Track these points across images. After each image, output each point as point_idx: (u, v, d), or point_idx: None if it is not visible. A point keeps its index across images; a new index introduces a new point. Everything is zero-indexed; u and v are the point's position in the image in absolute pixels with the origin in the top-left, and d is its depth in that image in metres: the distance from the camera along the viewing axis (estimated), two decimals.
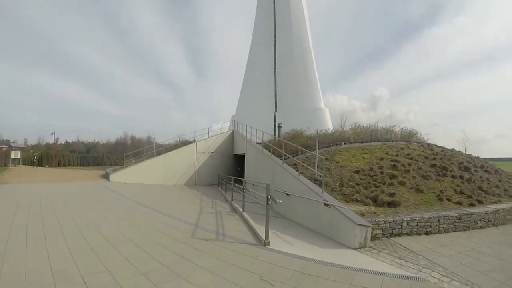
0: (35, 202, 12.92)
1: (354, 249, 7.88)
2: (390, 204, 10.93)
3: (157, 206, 12.64)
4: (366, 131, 20.36)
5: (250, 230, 9.49)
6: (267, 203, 8.24)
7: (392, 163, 14.82)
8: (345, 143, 18.75)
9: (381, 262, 6.78)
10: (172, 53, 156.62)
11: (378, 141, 19.04)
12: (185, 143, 28.65)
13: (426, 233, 9.66)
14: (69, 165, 50.72)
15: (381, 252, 7.60)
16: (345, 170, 14.46)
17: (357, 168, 14.56)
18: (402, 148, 17.65)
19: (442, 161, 15.89)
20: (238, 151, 28.00)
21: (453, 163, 16.10)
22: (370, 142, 18.97)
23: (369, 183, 12.78)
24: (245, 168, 23.10)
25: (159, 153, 26.18)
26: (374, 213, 10.10)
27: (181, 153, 26.49)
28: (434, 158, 16.31)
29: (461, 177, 14.44)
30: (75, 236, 7.94)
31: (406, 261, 6.94)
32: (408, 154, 16.42)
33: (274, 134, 29.58)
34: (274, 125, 33.06)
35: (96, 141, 66.39)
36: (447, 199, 12.07)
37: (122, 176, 23.52)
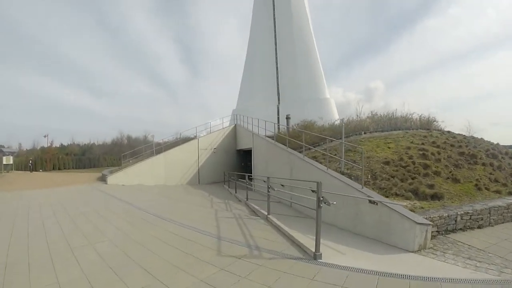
0: (22, 215, 10.60)
1: (413, 252, 6.84)
2: (434, 197, 9.94)
3: (163, 213, 10.54)
4: (385, 119, 18.53)
5: (288, 239, 7.54)
6: (318, 206, 6.29)
7: (421, 152, 13.55)
8: (365, 133, 17.07)
9: (453, 266, 5.90)
10: (166, 52, 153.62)
11: (399, 130, 17.38)
12: (186, 139, 26.49)
13: (479, 227, 8.95)
14: (65, 168, 48.18)
15: (445, 253, 6.67)
16: (373, 162, 13.02)
17: (385, 158, 13.13)
18: (425, 136, 16.23)
19: (469, 149, 14.80)
20: (243, 145, 25.96)
21: (480, 151, 14.94)
22: (391, 131, 17.32)
23: (403, 174, 11.53)
24: (253, 163, 21.11)
25: (158, 152, 23.99)
26: (422, 208, 8.99)
27: (183, 151, 24.34)
28: (460, 146, 15.14)
29: (491, 164, 13.54)
30: (66, 263, 5.78)
31: (479, 261, 6.12)
32: (433, 142, 15.11)
33: (279, 127, 27.85)
34: (278, 118, 31.16)
35: (91, 142, 63.74)
36: (486, 188, 11.32)
37: (120, 178, 21.35)
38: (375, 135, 16.66)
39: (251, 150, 23.09)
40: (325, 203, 6.37)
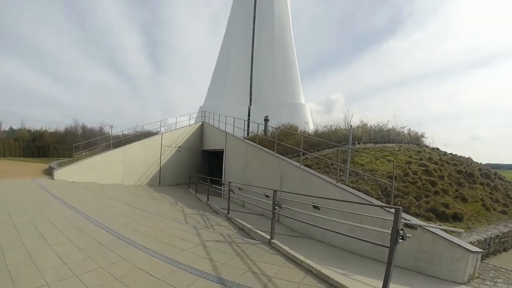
0: None
1: (463, 284, 5.86)
2: (454, 218, 9.11)
3: (127, 230, 7.16)
4: (376, 130, 16.66)
5: (318, 278, 5.02)
6: (395, 241, 4.24)
7: (423, 168, 12.33)
8: (358, 143, 15.22)
9: None
10: (130, 42, 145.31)
11: (392, 143, 15.91)
12: (148, 134, 22.66)
13: (504, 250, 8.49)
14: (10, 156, 42.08)
15: (496, 282, 5.94)
16: (378, 176, 11.23)
17: (389, 173, 11.39)
18: (419, 152, 15.06)
19: (465, 167, 13.72)
20: (211, 146, 22.87)
21: (474, 169, 13.89)
22: (384, 143, 15.77)
23: (416, 192, 10.35)
24: (225, 167, 18.21)
25: (116, 145, 19.87)
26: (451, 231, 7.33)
27: (144, 146, 20.50)
28: (455, 164, 14.06)
29: (487, 184, 12.77)
30: None
31: None
32: (430, 159, 13.90)
33: (248, 129, 25.24)
34: (248, 120, 28.40)
35: (43, 129, 56.97)
36: (493, 209, 10.75)
37: (70, 173, 17.07)
38: (369, 146, 15.08)
39: (221, 151, 20.36)
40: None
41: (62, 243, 5.89)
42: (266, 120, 19.10)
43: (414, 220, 7.21)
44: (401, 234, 4.27)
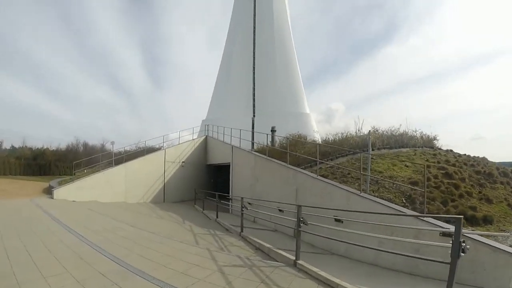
0: None
1: None
2: (485, 221, 8.64)
3: (133, 257, 6.16)
4: (388, 135, 15.88)
5: None
6: (458, 255, 3.81)
7: (443, 171, 11.78)
8: (372, 149, 14.23)
9: None
10: (129, 60, 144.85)
11: (406, 147, 15.12)
12: (151, 150, 21.78)
13: None
14: (10, 174, 41.04)
15: None
16: (399, 182, 10.67)
17: (410, 178, 11.12)
18: (434, 155, 14.42)
19: (482, 167, 13.21)
20: (216, 160, 22.02)
21: (492, 169, 13.31)
22: (399, 148, 14.98)
23: (441, 196, 9.90)
24: (232, 181, 17.31)
25: (118, 162, 18.99)
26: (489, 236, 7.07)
27: (147, 162, 19.59)
28: (473, 165, 13.58)
29: (507, 183, 12.20)
30: None
31: None
32: (447, 161, 13.44)
33: (253, 141, 24.40)
34: (253, 131, 27.60)
35: (45, 147, 55.97)
36: None
37: (70, 192, 16.10)
38: (384, 152, 14.20)
39: (227, 165, 19.49)
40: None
41: (58, 275, 5.00)
42: (272, 130, 18.30)
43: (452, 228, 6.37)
44: (463, 247, 3.78)
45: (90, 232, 8.24)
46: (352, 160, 13.21)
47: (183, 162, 21.75)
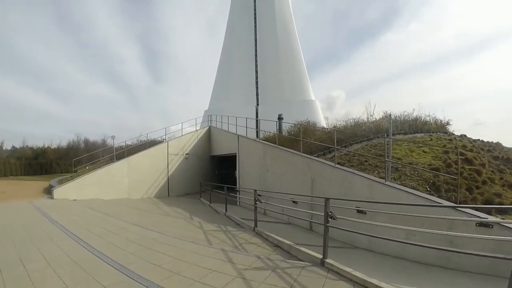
0: None
1: None
2: None
3: (140, 264, 5.46)
4: (404, 121, 15.06)
5: None
6: None
7: (462, 157, 10.92)
8: (387, 135, 13.36)
9: None
10: (128, 54, 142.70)
11: (421, 132, 14.30)
12: (153, 143, 20.98)
13: None
14: (11, 175, 40.26)
15: None
16: (420, 169, 10.00)
17: (430, 165, 10.44)
18: (450, 140, 13.70)
19: (499, 153, 12.62)
20: (220, 151, 21.25)
21: (509, 154, 12.59)
22: (414, 133, 14.18)
23: (466, 184, 9.26)
24: (239, 172, 16.55)
25: (120, 157, 18.22)
26: None
27: (149, 156, 18.84)
28: (489, 150, 13.02)
29: None
30: None
31: None
32: (464, 146, 12.75)
33: (258, 130, 23.59)
34: (257, 120, 26.74)
35: (46, 146, 55.07)
36: None
37: (70, 190, 15.45)
38: (399, 138, 13.39)
39: (232, 156, 18.84)
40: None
41: None
42: (279, 118, 17.48)
43: (490, 217, 6.09)
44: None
45: (92, 235, 7.47)
46: (368, 146, 12.44)
47: (186, 154, 20.98)
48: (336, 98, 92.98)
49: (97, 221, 9.28)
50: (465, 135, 15.16)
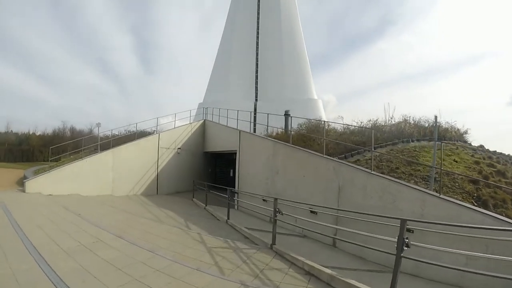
0: None
1: None
2: None
3: None
4: (426, 127, 13.34)
5: None
6: None
7: (493, 169, 10.18)
8: (412, 141, 11.95)
9: None
10: (120, 43, 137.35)
11: (444, 140, 12.47)
12: (143, 134, 18.58)
13: None
14: None
15: None
16: (459, 180, 8.84)
17: (467, 176, 9.14)
18: (474, 150, 12.47)
19: None
20: (216, 147, 19.13)
21: None
22: (438, 140, 12.19)
23: (510, 199, 8.14)
24: (239, 173, 14.46)
25: (105, 147, 15.80)
26: None
27: (138, 148, 16.45)
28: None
29: None
30: None
31: None
32: (490, 157, 11.79)
33: (255, 126, 21.63)
34: (255, 116, 24.71)
35: (31, 132, 51.81)
36: None
37: (46, 183, 12.96)
38: (424, 145, 11.59)
39: (229, 153, 17.25)
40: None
41: None
42: (286, 115, 15.53)
43: None
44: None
45: (58, 253, 5.32)
46: (393, 151, 10.72)
47: (179, 148, 18.77)
48: (327, 102, 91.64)
49: (70, 228, 7.08)
50: (482, 146, 13.79)
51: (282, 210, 8.18)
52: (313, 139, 11.61)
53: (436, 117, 9.43)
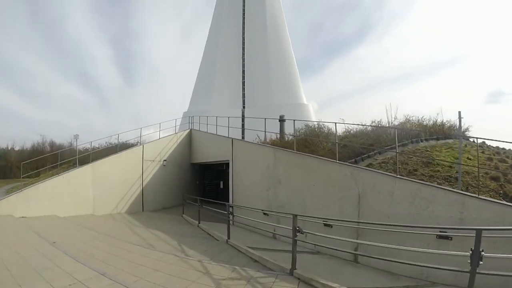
0: None
1: None
2: None
3: None
4: (432, 126, 12.94)
5: None
6: None
7: (506, 164, 9.88)
8: (421, 141, 11.26)
9: None
10: (100, 55, 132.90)
11: (450, 138, 11.98)
12: (126, 146, 17.02)
13: None
14: None
15: None
16: (482, 178, 8.22)
17: (487, 173, 8.69)
18: (481, 146, 11.71)
19: None
20: (205, 158, 17.72)
21: None
22: (445, 139, 11.91)
23: None
24: (232, 184, 13.17)
25: (84, 162, 14.15)
26: None
27: (121, 161, 14.79)
28: None
29: None
30: None
31: None
32: (497, 153, 11.32)
33: (243, 135, 20.45)
34: (243, 124, 23.49)
35: (9, 147, 49.06)
36: None
37: (18, 203, 11.08)
38: (432, 144, 11.14)
39: (220, 164, 16.33)
40: None
41: None
42: (281, 120, 14.41)
43: None
44: None
45: None
46: (405, 153, 9.79)
47: (164, 160, 17.26)
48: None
49: (41, 264, 5.58)
50: (483, 142, 13.06)
51: (288, 224, 7.03)
52: (315, 143, 10.46)
53: (459, 112, 8.47)
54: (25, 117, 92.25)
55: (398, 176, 6.96)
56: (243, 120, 25.56)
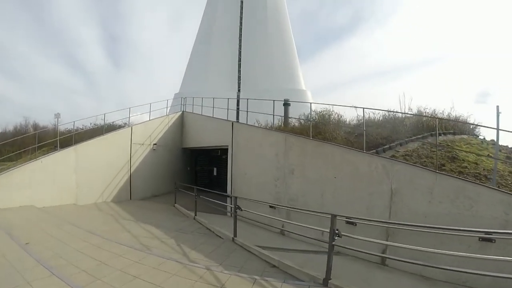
0: None
1: None
2: None
3: None
4: (447, 120, 11.50)
5: None
6: None
7: None
8: (440, 134, 9.97)
9: None
10: (87, 37, 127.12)
11: (465, 134, 11.33)
12: (112, 127, 15.34)
13: None
14: None
15: None
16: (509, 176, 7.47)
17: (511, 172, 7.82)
18: (494, 143, 10.21)
19: None
20: (199, 142, 16.42)
21: None
22: (461, 134, 11.19)
23: None
24: (231, 173, 12.00)
25: (66, 144, 12.50)
26: None
27: (107, 144, 13.27)
28: None
29: None
30: None
31: None
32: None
33: (237, 118, 19.14)
34: (237, 108, 22.06)
35: None
36: None
37: None
38: (450, 138, 10.36)
39: (215, 150, 15.67)
40: None
41: None
42: (285, 104, 13.25)
43: None
44: None
45: None
46: (427, 146, 8.99)
47: (155, 144, 15.84)
48: None
49: (8, 278, 4.30)
50: (493, 140, 12.23)
51: (299, 219, 5.87)
52: (330, 131, 9.32)
53: (497, 107, 7.36)
54: (8, 99, 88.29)
55: (438, 171, 6.01)
56: (238, 104, 24.08)
